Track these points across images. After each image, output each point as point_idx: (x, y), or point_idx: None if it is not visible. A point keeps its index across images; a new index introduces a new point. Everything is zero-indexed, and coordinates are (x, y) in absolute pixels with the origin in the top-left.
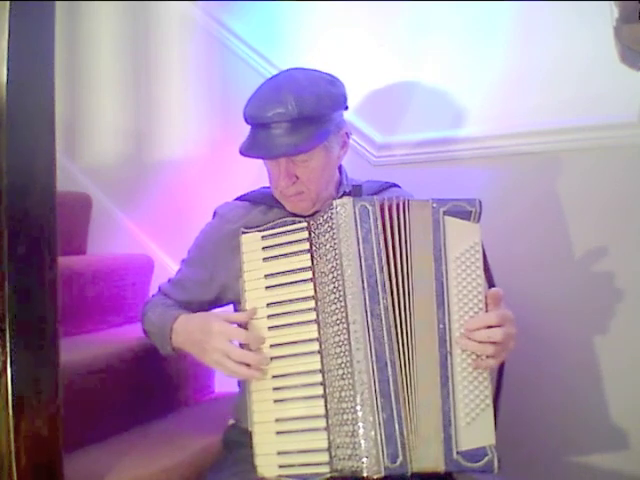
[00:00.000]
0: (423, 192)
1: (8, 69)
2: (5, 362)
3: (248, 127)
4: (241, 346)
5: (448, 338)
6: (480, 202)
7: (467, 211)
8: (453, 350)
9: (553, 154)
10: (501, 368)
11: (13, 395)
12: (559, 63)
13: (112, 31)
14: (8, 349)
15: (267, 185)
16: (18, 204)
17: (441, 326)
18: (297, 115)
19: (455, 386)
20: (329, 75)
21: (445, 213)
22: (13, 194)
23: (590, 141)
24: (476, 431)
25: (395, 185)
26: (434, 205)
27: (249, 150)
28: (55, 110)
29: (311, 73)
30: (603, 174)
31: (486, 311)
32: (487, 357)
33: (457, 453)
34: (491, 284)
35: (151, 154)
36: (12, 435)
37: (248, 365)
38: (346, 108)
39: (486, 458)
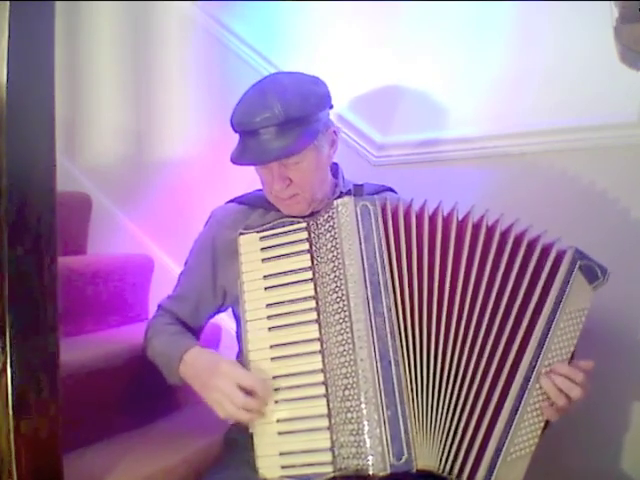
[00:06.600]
0: (423, 192)
1: (8, 69)
2: (5, 362)
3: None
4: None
5: (533, 377)
6: (609, 275)
7: (596, 276)
8: (531, 389)
9: (552, 154)
10: (546, 424)
11: (13, 395)
12: (558, 63)
13: (112, 31)
14: (8, 349)
15: None
16: (18, 204)
17: (533, 363)
18: (284, 118)
19: (517, 423)
20: (311, 76)
21: (580, 267)
22: (13, 194)
23: (589, 141)
24: (512, 469)
25: (391, 189)
26: (575, 255)
27: (240, 158)
28: (55, 110)
29: (293, 75)
30: (602, 174)
31: None
32: (552, 405)
33: None
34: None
35: (151, 154)
36: (12, 435)
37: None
38: (331, 107)
39: None
